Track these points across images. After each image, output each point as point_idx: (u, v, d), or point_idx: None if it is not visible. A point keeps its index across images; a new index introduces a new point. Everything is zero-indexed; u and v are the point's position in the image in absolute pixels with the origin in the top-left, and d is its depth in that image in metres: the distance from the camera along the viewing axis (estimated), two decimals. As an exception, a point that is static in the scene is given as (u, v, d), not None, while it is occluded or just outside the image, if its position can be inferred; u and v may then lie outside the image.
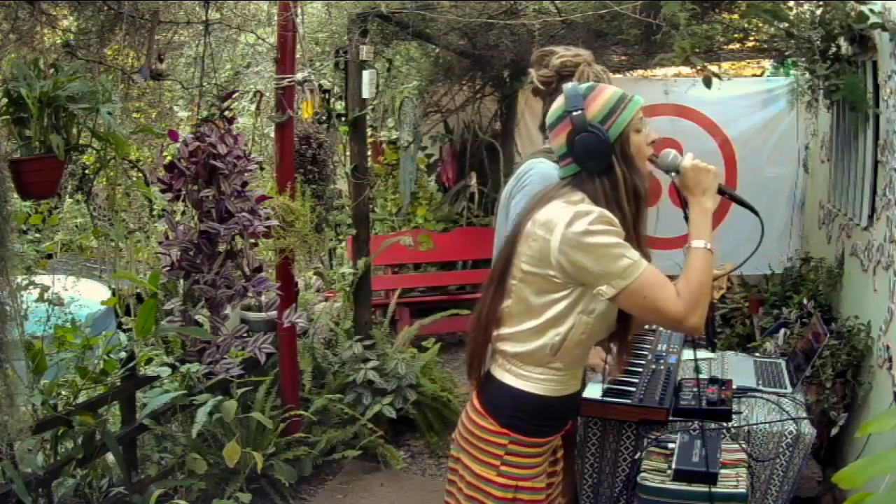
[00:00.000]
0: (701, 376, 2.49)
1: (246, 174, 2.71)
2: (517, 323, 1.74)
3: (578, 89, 1.72)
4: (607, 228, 1.62)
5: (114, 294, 3.61)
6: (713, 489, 1.98)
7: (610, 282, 1.62)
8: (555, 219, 1.65)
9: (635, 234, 1.72)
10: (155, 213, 3.57)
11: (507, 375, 1.75)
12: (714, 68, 3.41)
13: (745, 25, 3.54)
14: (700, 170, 1.77)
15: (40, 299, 3.20)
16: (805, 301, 3.69)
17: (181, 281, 2.70)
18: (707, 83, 3.23)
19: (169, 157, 2.72)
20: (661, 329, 2.90)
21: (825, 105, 3.79)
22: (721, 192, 1.84)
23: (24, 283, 3.15)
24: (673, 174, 1.81)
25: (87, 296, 3.69)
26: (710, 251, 1.73)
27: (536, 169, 2.27)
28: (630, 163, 1.72)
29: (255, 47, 3.75)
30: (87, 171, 3.01)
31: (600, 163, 1.68)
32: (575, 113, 1.68)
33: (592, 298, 1.67)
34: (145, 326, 2.63)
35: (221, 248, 2.70)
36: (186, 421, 3.15)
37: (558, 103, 1.74)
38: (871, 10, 3.03)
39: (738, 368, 2.65)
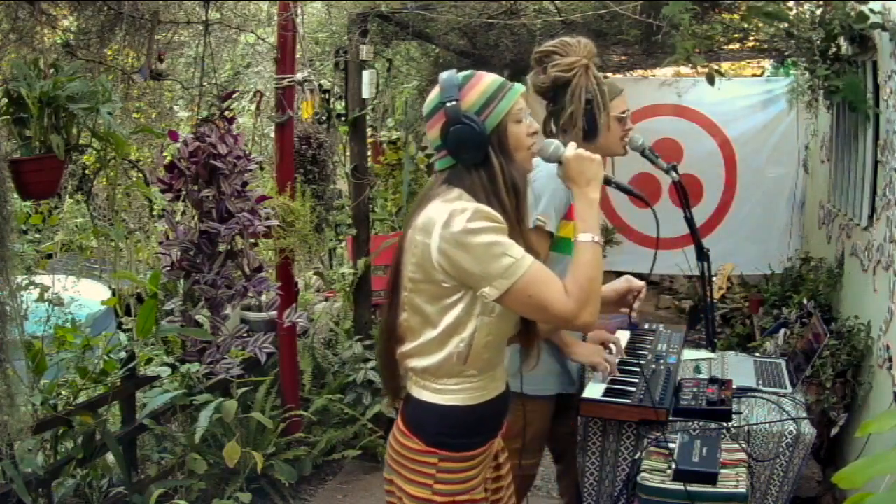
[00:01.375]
0: (701, 376, 2.50)
1: (246, 174, 2.71)
2: (417, 336, 1.67)
3: (455, 78, 1.65)
4: (486, 225, 1.55)
5: (114, 294, 3.62)
6: (713, 489, 1.98)
7: (492, 283, 1.55)
8: (432, 220, 1.58)
9: (519, 229, 1.65)
10: (155, 213, 3.57)
11: (424, 392, 1.69)
12: (715, 68, 3.42)
13: (745, 25, 3.54)
14: (584, 159, 1.71)
15: (40, 299, 3.20)
16: (805, 301, 3.69)
17: (181, 281, 2.70)
18: (710, 81, 3.23)
19: (169, 157, 2.72)
20: (661, 329, 2.91)
21: (825, 105, 3.80)
22: (608, 182, 1.80)
23: (24, 283, 3.15)
24: (556, 165, 1.75)
25: (87, 296, 3.69)
26: (599, 244, 1.67)
27: (543, 166, 2.27)
28: (508, 155, 1.65)
29: (255, 47, 3.75)
30: (87, 171, 3.01)
31: (475, 155, 1.62)
32: (449, 103, 1.61)
33: None
34: (145, 326, 2.63)
35: (222, 248, 2.70)
36: (186, 421, 3.15)
37: (434, 93, 1.67)
38: (871, 10, 3.03)
39: (738, 368, 2.65)
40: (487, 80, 1.67)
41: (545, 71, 2.25)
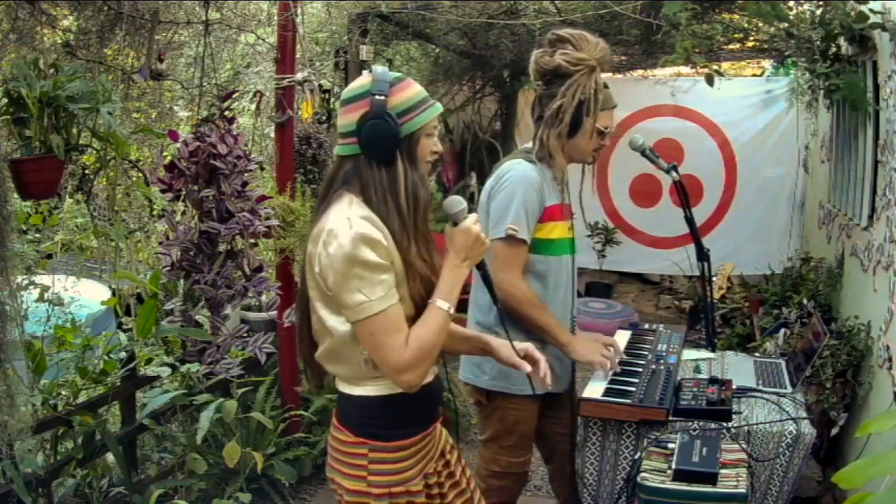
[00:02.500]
0: (701, 376, 2.49)
1: (246, 174, 2.71)
2: (323, 342, 1.70)
3: (388, 75, 1.65)
4: (360, 257, 1.55)
5: (114, 294, 3.61)
6: (713, 489, 1.98)
7: (344, 310, 1.59)
8: (321, 230, 1.60)
9: (413, 235, 1.65)
10: (155, 213, 3.57)
11: (346, 385, 1.72)
12: (714, 68, 3.42)
13: (745, 25, 3.54)
14: (474, 238, 1.68)
15: (40, 299, 3.19)
16: (805, 301, 3.69)
17: (181, 281, 2.71)
18: (710, 81, 3.23)
19: (169, 157, 2.72)
20: (661, 329, 2.91)
21: (825, 105, 3.80)
22: (481, 266, 1.78)
23: (24, 283, 3.14)
24: (451, 222, 1.72)
25: (87, 296, 3.69)
26: (450, 315, 1.66)
27: (516, 170, 2.28)
28: (414, 162, 1.66)
29: (255, 47, 3.76)
30: (87, 171, 3.01)
31: (384, 153, 1.63)
32: (378, 97, 1.61)
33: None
34: (145, 326, 2.63)
35: (222, 248, 2.70)
36: (186, 421, 3.15)
37: (362, 81, 1.67)
38: (871, 10, 3.03)
39: (738, 368, 2.65)
40: (416, 88, 1.69)
41: (553, 54, 2.25)
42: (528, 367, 1.83)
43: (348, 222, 1.57)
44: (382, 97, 1.62)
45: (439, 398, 1.83)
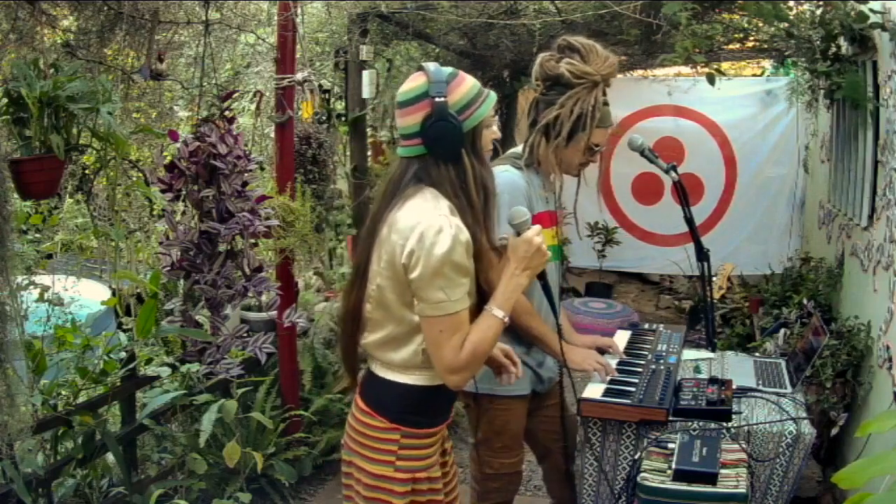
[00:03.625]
0: (701, 376, 2.49)
1: (246, 174, 2.71)
2: (380, 329, 1.74)
3: (442, 73, 1.68)
4: (457, 261, 1.61)
5: (114, 294, 3.61)
6: (713, 489, 1.98)
7: (419, 303, 1.65)
8: (415, 224, 1.63)
9: (485, 227, 1.70)
10: (155, 213, 3.57)
11: (391, 372, 1.75)
12: (715, 67, 3.42)
13: (745, 25, 3.54)
14: (537, 249, 1.72)
15: (40, 299, 3.19)
16: (805, 301, 3.69)
17: (181, 281, 2.71)
18: (711, 81, 3.23)
19: (169, 157, 2.72)
20: (661, 329, 2.91)
21: (825, 105, 3.80)
22: (541, 276, 1.80)
23: (24, 283, 3.14)
24: (513, 233, 1.76)
25: (87, 296, 3.69)
26: (505, 324, 1.70)
27: (503, 178, 2.22)
28: (479, 156, 1.71)
29: (255, 47, 3.75)
30: (87, 171, 3.01)
31: (451, 152, 1.67)
32: (438, 99, 1.64)
33: None
34: (145, 326, 2.63)
35: (222, 248, 2.70)
36: (186, 421, 3.15)
37: (418, 82, 1.69)
38: (872, 10, 3.03)
39: (738, 368, 2.65)
40: (470, 82, 1.72)
41: (559, 61, 2.24)
42: (512, 369, 1.92)
43: (448, 221, 1.62)
44: (442, 98, 1.65)
45: (457, 393, 1.91)
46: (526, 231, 1.74)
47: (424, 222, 1.62)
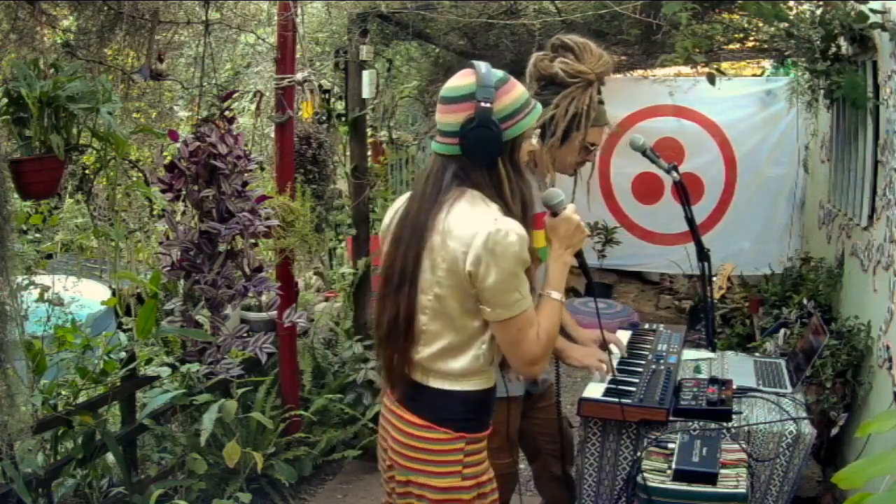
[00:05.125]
0: (701, 376, 2.49)
1: (246, 174, 2.71)
2: (438, 340, 1.69)
3: (492, 78, 1.63)
4: (524, 258, 1.61)
5: (114, 294, 3.61)
6: (713, 489, 1.98)
7: (496, 307, 1.62)
8: (472, 230, 1.59)
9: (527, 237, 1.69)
10: (155, 213, 3.57)
11: (449, 382, 1.71)
12: (715, 67, 3.42)
13: (745, 25, 3.54)
14: (576, 226, 1.75)
15: (40, 299, 3.20)
16: (805, 301, 3.69)
17: (181, 281, 2.70)
18: (711, 81, 3.23)
19: (169, 157, 2.72)
20: (661, 329, 2.91)
21: (825, 105, 3.80)
22: (579, 255, 1.82)
23: (24, 283, 3.14)
24: (550, 213, 1.78)
25: (87, 296, 3.69)
26: (563, 304, 1.74)
27: None
28: (515, 165, 1.69)
29: (255, 47, 3.75)
30: (87, 171, 3.01)
31: (486, 158, 1.64)
32: (484, 103, 1.60)
33: None
34: (145, 326, 2.63)
35: (222, 248, 2.70)
36: (186, 421, 3.15)
37: (467, 80, 1.64)
38: (872, 10, 3.03)
39: (738, 368, 2.65)
40: (518, 91, 1.68)
41: (552, 60, 2.23)
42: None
43: (508, 222, 1.61)
44: (488, 104, 1.60)
45: None
46: (562, 210, 1.75)
47: (485, 228, 1.58)
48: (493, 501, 1.79)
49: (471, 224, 1.60)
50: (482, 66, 1.66)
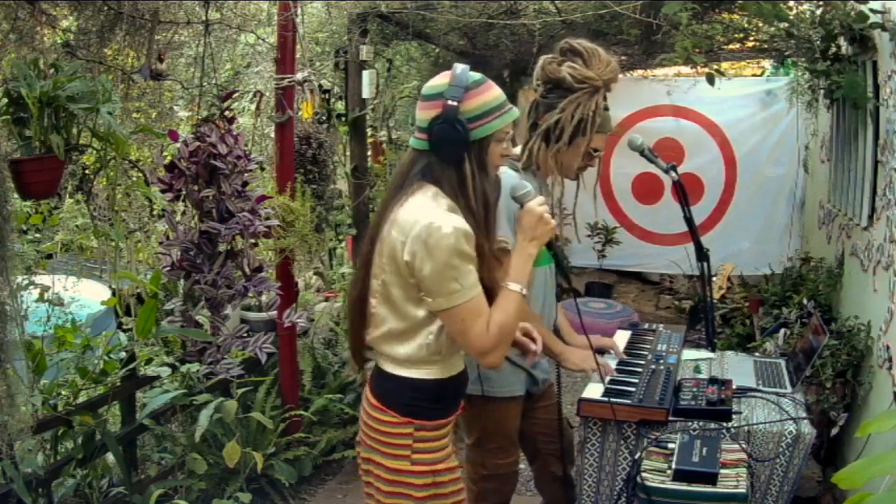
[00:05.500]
0: (701, 376, 2.49)
1: (246, 174, 2.71)
2: (385, 324, 1.76)
3: (465, 78, 1.70)
4: (457, 248, 1.63)
5: (114, 294, 3.61)
6: (713, 489, 1.98)
7: (436, 298, 1.66)
8: (411, 221, 1.66)
9: (486, 237, 1.73)
10: (155, 213, 3.57)
11: (397, 367, 1.78)
12: (715, 68, 3.42)
13: (745, 25, 3.54)
14: (539, 218, 1.76)
15: (40, 299, 3.19)
16: (805, 301, 3.69)
17: (181, 281, 2.71)
18: (710, 81, 3.23)
19: (169, 157, 2.72)
20: (661, 329, 2.91)
21: (825, 105, 3.80)
22: (550, 247, 1.83)
23: (24, 283, 3.14)
24: (518, 205, 1.81)
25: (87, 296, 3.69)
26: (525, 296, 1.74)
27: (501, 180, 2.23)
28: (482, 167, 1.73)
29: (255, 47, 3.76)
30: (87, 171, 3.01)
31: (451, 155, 1.69)
32: (450, 102, 1.67)
33: None
34: (145, 326, 2.63)
35: (222, 248, 2.70)
36: (186, 421, 3.15)
37: (441, 80, 1.72)
38: (871, 10, 3.03)
39: (738, 368, 2.65)
40: (493, 94, 1.73)
41: (560, 64, 2.22)
42: (532, 347, 1.93)
43: (447, 216, 1.65)
44: (454, 102, 1.67)
45: (466, 385, 1.95)
46: (528, 202, 1.77)
47: (423, 220, 1.64)
48: (455, 493, 1.80)
49: (412, 216, 1.67)
50: (459, 67, 1.73)
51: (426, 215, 1.65)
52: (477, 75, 1.73)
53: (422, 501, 1.76)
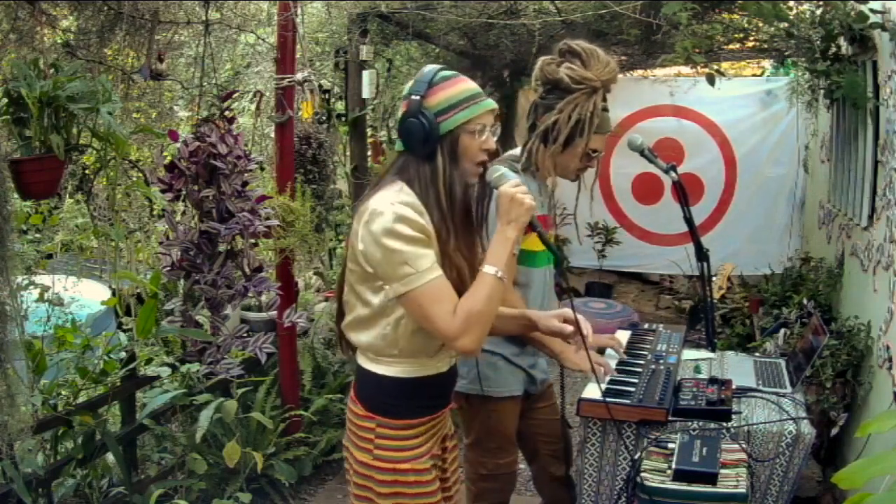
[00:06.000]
0: (701, 376, 2.49)
1: (246, 174, 2.71)
2: (352, 311, 1.78)
3: (429, 74, 1.72)
4: (402, 232, 1.62)
5: (114, 294, 3.61)
6: (713, 489, 1.98)
7: (391, 284, 1.66)
8: (365, 210, 1.68)
9: (454, 231, 1.71)
10: (155, 213, 3.57)
11: (365, 360, 1.79)
12: (715, 68, 3.42)
13: (745, 25, 3.54)
14: (515, 201, 1.71)
15: (40, 299, 3.19)
16: (805, 301, 3.69)
17: (181, 281, 2.71)
18: (711, 81, 3.23)
19: (169, 157, 2.72)
20: (661, 329, 2.91)
21: (825, 105, 3.80)
22: (532, 227, 1.77)
23: (24, 283, 3.14)
24: (494, 191, 1.78)
25: (87, 296, 3.69)
26: (501, 279, 1.69)
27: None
28: (454, 160, 1.71)
29: (255, 47, 3.76)
30: (87, 171, 3.01)
31: (422, 149, 1.70)
32: (413, 96, 1.70)
33: None
34: (145, 326, 2.63)
35: (222, 248, 2.70)
36: (186, 421, 3.15)
37: (415, 78, 1.77)
38: (871, 10, 3.03)
39: (738, 368, 2.64)
40: (459, 88, 1.72)
41: (559, 65, 2.22)
42: (569, 329, 1.90)
43: (390, 204, 1.65)
44: (417, 97, 1.70)
45: (451, 386, 1.90)
46: (501, 185, 1.74)
47: (370, 207, 1.66)
48: (419, 495, 1.76)
49: (367, 205, 1.68)
50: (426, 67, 1.76)
51: (375, 204, 1.66)
52: (449, 72, 1.74)
53: (384, 498, 1.75)
